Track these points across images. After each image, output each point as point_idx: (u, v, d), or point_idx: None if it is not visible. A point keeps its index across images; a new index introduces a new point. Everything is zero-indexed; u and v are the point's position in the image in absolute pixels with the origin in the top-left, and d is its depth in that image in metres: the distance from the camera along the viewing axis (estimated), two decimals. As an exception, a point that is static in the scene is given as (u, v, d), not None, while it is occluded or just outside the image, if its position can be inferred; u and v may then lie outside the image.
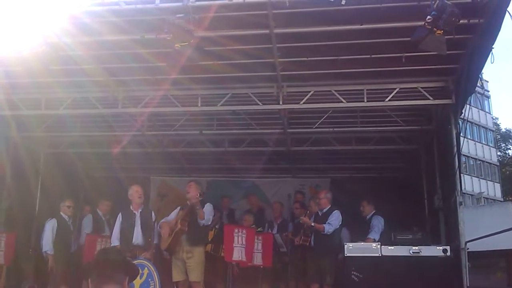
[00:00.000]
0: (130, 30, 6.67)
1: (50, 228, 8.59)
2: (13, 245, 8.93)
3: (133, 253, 7.63)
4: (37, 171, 10.82)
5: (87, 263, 3.46)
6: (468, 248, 7.19)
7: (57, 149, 11.24)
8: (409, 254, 7.23)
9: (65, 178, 10.97)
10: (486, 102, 46.35)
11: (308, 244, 8.49)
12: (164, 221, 7.86)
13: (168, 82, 8.25)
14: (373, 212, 8.79)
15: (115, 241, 7.83)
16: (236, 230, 8.02)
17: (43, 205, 10.39)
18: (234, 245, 7.91)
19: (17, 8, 6.36)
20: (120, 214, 8.01)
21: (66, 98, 8.89)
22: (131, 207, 8.03)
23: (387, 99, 8.09)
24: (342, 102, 8.24)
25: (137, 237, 7.81)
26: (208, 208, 7.70)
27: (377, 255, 7.30)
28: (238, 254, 7.92)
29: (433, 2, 5.46)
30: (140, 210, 8.01)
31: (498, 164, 45.51)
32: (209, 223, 7.59)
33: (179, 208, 7.87)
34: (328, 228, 8.09)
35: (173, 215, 7.88)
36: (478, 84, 7.77)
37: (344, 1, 5.80)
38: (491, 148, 45.24)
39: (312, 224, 8.24)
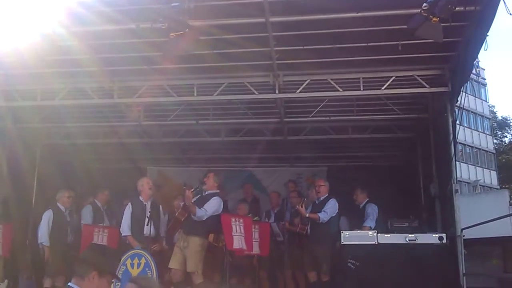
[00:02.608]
0: (125, 20, 6.62)
1: (46, 219, 8.58)
2: (10, 236, 8.94)
3: (144, 244, 7.67)
4: (34, 162, 10.81)
5: None
6: (464, 236, 7.24)
7: (54, 140, 11.22)
8: (406, 242, 7.27)
9: (62, 169, 10.97)
10: (482, 90, 46.44)
11: (305, 232, 8.52)
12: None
13: (164, 72, 8.23)
14: (366, 200, 8.83)
15: (126, 231, 7.87)
16: (233, 219, 8.02)
17: (40, 196, 10.39)
18: (233, 234, 7.91)
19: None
20: (130, 204, 8.05)
21: (61, 89, 8.84)
22: (140, 198, 8.11)
23: (383, 88, 8.09)
24: (338, 90, 8.22)
25: (149, 228, 7.84)
26: (214, 200, 7.70)
27: (374, 243, 7.32)
28: (238, 243, 7.92)
29: (429, -11, 5.45)
30: (150, 202, 8.06)
31: (494, 152, 45.66)
32: (203, 218, 7.50)
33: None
34: (323, 216, 8.11)
35: None
36: (475, 72, 7.79)
37: (340, -11, 5.78)
38: (487, 136, 45.37)
39: (307, 214, 8.25)
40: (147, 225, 7.81)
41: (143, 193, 8.13)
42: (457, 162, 7.67)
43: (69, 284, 3.23)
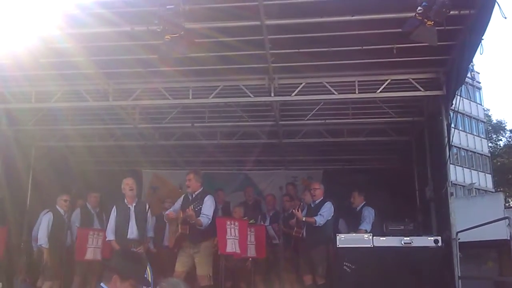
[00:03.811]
0: (120, 22, 6.61)
1: (46, 221, 8.52)
2: (4, 238, 8.89)
3: (129, 247, 7.63)
4: (29, 164, 10.76)
5: None
6: (459, 239, 7.25)
7: (49, 142, 11.17)
8: (401, 245, 7.26)
9: (57, 172, 10.92)
10: (477, 94, 46.56)
11: (300, 235, 8.51)
12: (170, 212, 7.77)
13: (159, 75, 8.22)
14: (363, 203, 8.82)
15: (110, 235, 7.90)
16: (228, 223, 8.00)
17: (35, 198, 10.35)
18: (227, 237, 7.88)
19: (6, 1, 6.30)
20: (114, 208, 8.03)
21: (56, 91, 8.83)
22: (125, 200, 8.06)
23: (378, 91, 8.10)
24: (333, 93, 8.24)
25: (132, 231, 7.84)
26: (208, 201, 7.60)
27: (369, 246, 7.32)
28: (231, 246, 7.89)
29: (424, -8, 5.46)
30: (134, 204, 8.06)
31: (489, 155, 45.77)
32: (209, 222, 7.44)
33: (182, 196, 7.87)
34: (320, 219, 8.11)
35: (177, 204, 7.85)
36: (469, 76, 7.81)
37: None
38: (482, 139, 45.46)
39: (303, 219, 8.24)
40: (131, 227, 7.82)
41: (126, 196, 8.07)
42: (452, 165, 7.70)
43: (101, 284, 3.37)
